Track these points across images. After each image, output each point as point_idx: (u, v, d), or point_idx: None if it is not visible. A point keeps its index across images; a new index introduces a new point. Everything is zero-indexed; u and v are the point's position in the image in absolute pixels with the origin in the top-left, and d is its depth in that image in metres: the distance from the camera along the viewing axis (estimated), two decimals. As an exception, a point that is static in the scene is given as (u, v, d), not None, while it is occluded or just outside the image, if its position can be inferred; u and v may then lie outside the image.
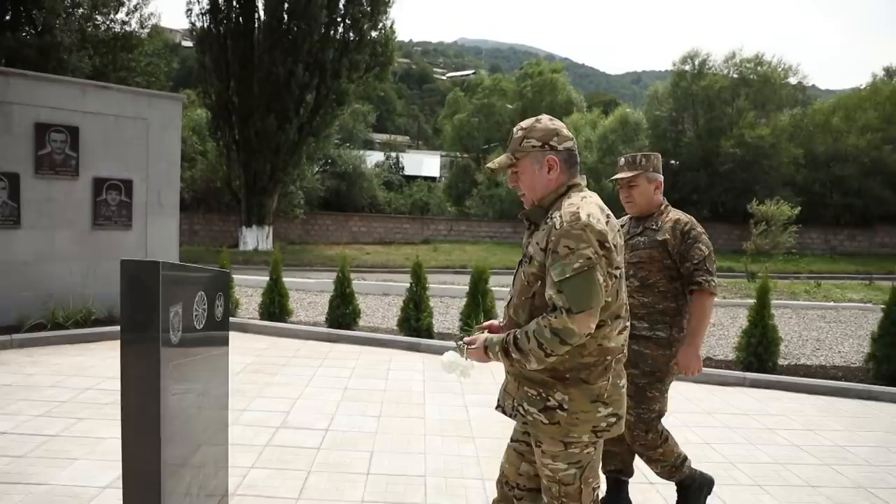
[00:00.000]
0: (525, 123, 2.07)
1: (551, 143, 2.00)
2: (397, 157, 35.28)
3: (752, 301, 6.60)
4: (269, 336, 7.15)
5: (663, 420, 3.11)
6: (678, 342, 2.91)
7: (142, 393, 1.78)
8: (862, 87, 30.90)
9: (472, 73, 66.38)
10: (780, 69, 28.90)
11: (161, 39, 23.39)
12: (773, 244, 15.97)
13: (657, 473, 3.07)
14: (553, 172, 2.00)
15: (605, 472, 3.09)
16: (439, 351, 5.98)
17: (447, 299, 10.35)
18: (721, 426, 4.77)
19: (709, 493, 3.10)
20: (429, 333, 7.12)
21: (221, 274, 2.41)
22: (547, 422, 1.98)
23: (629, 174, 3.00)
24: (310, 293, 10.78)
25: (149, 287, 1.74)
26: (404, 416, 4.59)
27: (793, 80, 29.68)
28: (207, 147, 23.21)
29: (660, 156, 3.13)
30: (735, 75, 29.08)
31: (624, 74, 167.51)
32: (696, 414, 5.04)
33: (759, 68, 28.73)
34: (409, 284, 7.33)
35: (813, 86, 35.90)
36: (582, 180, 2.04)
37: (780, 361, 6.53)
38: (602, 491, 3.17)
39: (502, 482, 2.28)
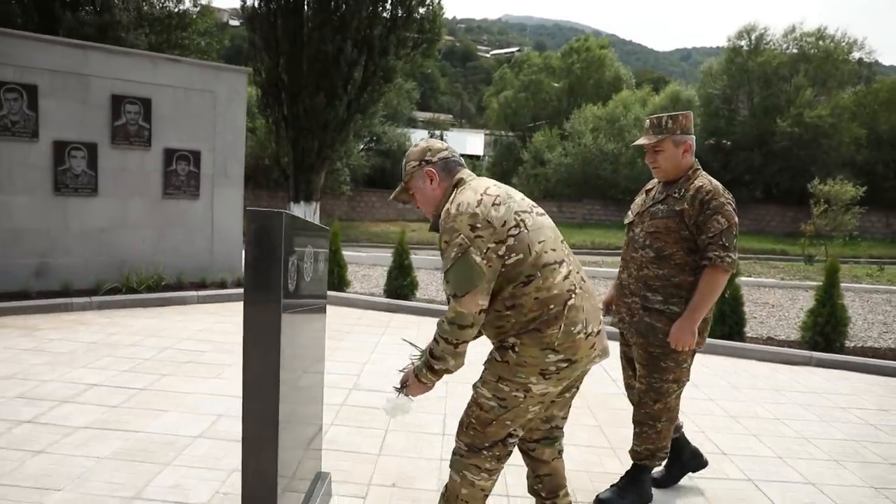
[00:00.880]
0: (407, 153, 2.29)
1: (426, 158, 2.22)
2: (441, 136, 35.22)
3: (811, 283, 6.45)
4: (329, 305, 7.29)
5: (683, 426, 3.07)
6: None
7: (264, 339, 1.84)
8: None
9: (517, 51, 65.57)
10: (843, 44, 27.64)
11: (211, 18, 23.75)
12: (834, 225, 15.46)
13: (634, 447, 2.93)
14: (435, 182, 2.19)
15: None
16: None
17: (498, 275, 10.38)
18: (790, 403, 4.70)
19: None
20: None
21: (325, 231, 2.49)
22: (499, 359, 2.10)
23: (653, 139, 2.79)
24: (363, 266, 10.95)
25: (273, 236, 1.81)
26: (470, 383, 4.65)
27: (857, 56, 28.39)
28: (257, 124, 23.59)
29: (691, 114, 2.87)
30: (794, 51, 27.94)
31: (673, 51, 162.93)
32: (763, 391, 4.98)
33: (820, 43, 27.54)
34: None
35: (876, 61, 34.20)
36: (464, 174, 2.19)
37: (846, 343, 6.38)
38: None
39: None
